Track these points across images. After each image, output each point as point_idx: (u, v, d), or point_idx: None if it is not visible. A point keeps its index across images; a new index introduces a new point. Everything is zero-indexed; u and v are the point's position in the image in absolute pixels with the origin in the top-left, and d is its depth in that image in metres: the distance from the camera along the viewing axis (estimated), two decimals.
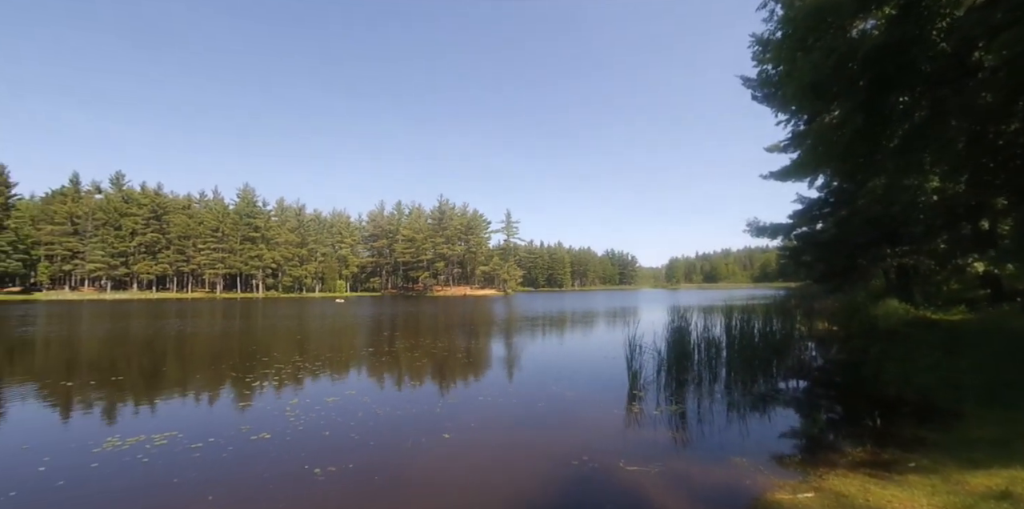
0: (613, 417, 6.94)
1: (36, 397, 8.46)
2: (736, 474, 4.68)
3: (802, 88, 11.31)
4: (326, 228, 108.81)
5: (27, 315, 31.25)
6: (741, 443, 5.69)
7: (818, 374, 9.80)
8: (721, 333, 9.48)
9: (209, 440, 5.89)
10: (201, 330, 21.46)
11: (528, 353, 14.27)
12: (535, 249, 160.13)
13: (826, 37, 10.49)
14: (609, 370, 10.07)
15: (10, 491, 4.45)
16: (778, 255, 49.99)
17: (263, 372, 10.44)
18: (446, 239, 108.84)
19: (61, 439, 6.14)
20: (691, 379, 8.68)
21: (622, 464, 4.95)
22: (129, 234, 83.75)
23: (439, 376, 10.35)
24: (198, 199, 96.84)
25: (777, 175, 18.60)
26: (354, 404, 7.65)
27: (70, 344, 16.56)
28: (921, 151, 11.45)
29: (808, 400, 7.93)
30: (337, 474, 4.80)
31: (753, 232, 20.93)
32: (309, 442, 5.81)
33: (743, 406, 7.34)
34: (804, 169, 16.78)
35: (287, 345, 15.84)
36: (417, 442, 5.80)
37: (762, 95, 17.00)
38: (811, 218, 20.79)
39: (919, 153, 11.63)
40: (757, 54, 15.75)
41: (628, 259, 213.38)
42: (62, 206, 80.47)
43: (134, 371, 11.36)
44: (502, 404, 7.70)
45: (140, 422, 6.89)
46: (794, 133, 17.94)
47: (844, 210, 18.67)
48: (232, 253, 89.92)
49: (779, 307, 12.35)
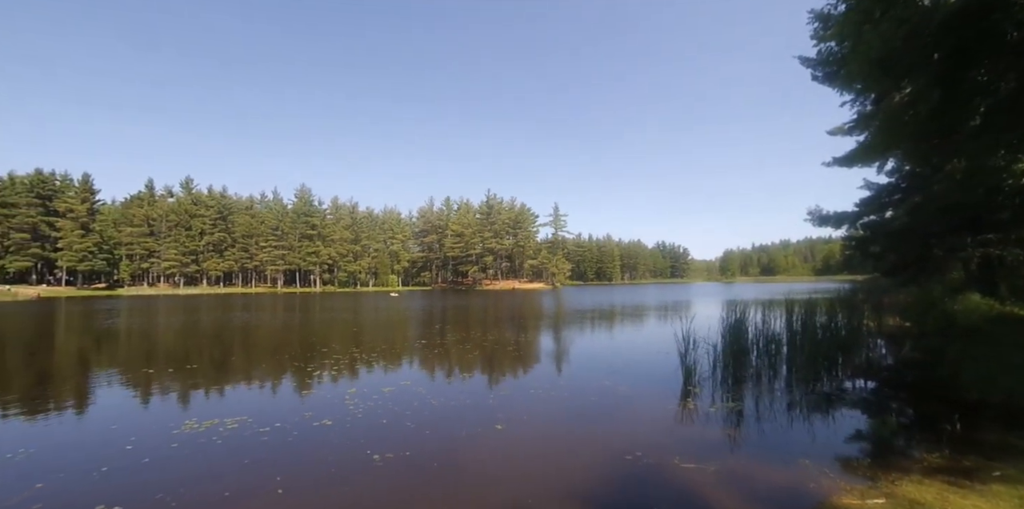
0: (667, 413, 6.80)
1: (121, 383, 9.25)
2: (799, 476, 4.48)
3: (869, 64, 10.55)
4: (378, 225, 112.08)
5: (111, 309, 34.12)
6: (804, 444, 5.44)
7: (888, 374, 9.20)
8: (781, 328, 9.06)
9: (276, 425, 6.25)
10: (264, 323, 22.71)
11: (578, 346, 14.21)
12: (583, 242, 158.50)
13: (895, 7, 9.71)
14: (661, 365, 9.88)
15: (102, 467, 4.91)
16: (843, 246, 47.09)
17: (322, 362, 10.93)
18: (494, 233, 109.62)
19: (145, 421, 6.69)
20: (749, 376, 8.37)
21: (677, 461, 4.85)
22: (198, 234, 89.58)
23: (490, 368, 10.48)
24: (259, 200, 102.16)
25: (842, 160, 17.48)
26: (409, 394, 7.89)
27: (149, 335, 17.96)
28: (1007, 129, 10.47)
29: (877, 401, 7.46)
30: (395, 461, 4.97)
31: (815, 221, 19.79)
32: (368, 429, 6.05)
33: (805, 405, 7.00)
34: (872, 152, 15.71)
35: (344, 337, 16.49)
36: (471, 432, 5.92)
37: (823, 74, 15.99)
38: (880, 205, 19.44)
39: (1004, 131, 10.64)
40: (817, 31, 14.83)
41: (680, 252, 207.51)
42: (139, 210, 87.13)
43: (206, 360, 12.18)
44: (554, 397, 7.72)
45: (213, 407, 7.39)
46: (860, 114, 16.78)
47: (917, 196, 17.30)
48: (291, 250, 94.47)
49: (844, 301, 11.64)
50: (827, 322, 9.23)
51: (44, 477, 4.66)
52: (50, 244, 76.53)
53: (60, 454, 5.36)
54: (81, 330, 20.07)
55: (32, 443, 5.71)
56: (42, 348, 14.83)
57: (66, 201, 77.82)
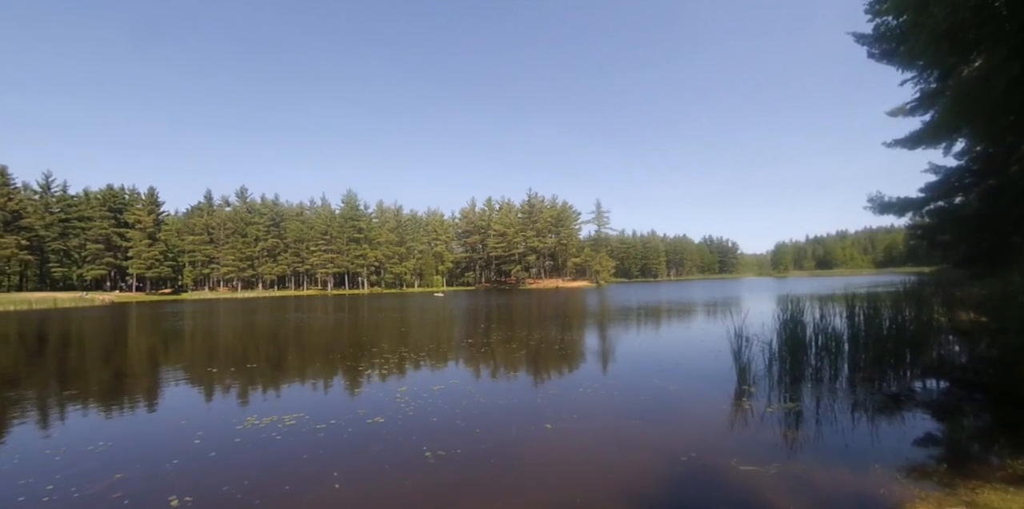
0: (721, 413, 6.59)
1: (188, 381, 9.83)
2: (866, 481, 4.24)
3: (935, 38, 9.84)
4: (422, 226, 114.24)
5: (177, 312, 36.34)
6: (869, 447, 5.14)
7: (961, 373, 8.54)
8: (841, 325, 8.56)
9: (331, 422, 6.48)
10: (316, 323, 23.59)
11: (624, 345, 13.99)
12: (627, 239, 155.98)
13: None
14: (713, 363, 9.59)
15: (174, 459, 5.25)
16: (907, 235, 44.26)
17: (373, 361, 11.25)
18: (536, 232, 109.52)
19: (210, 417, 7.09)
20: (807, 375, 7.99)
21: (734, 463, 4.69)
22: (253, 240, 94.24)
23: (536, 367, 10.48)
24: (309, 206, 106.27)
25: (905, 141, 16.39)
26: (458, 393, 8.00)
27: (211, 336, 19.02)
28: None
29: (950, 403, 6.95)
30: (447, 458, 5.05)
31: (876, 209, 18.60)
32: (419, 427, 6.17)
33: (870, 406, 6.62)
34: (940, 132, 14.66)
35: (393, 337, 16.90)
36: (521, 431, 5.93)
37: (880, 51, 15.03)
38: (949, 190, 18.05)
39: None
40: (873, 5, 13.97)
41: (728, 246, 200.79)
42: (199, 219, 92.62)
43: (263, 359, 12.77)
44: (602, 396, 7.63)
45: (272, 404, 7.74)
46: (924, 92, 15.67)
47: (992, 179, 15.97)
48: (340, 253, 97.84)
49: (911, 295, 10.84)
50: (892, 318, 8.65)
51: (123, 468, 5.02)
52: (121, 253, 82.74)
53: (136, 447, 5.76)
54: (150, 332, 21.49)
55: (111, 436, 6.17)
56: (117, 348, 15.98)
57: (135, 213, 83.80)
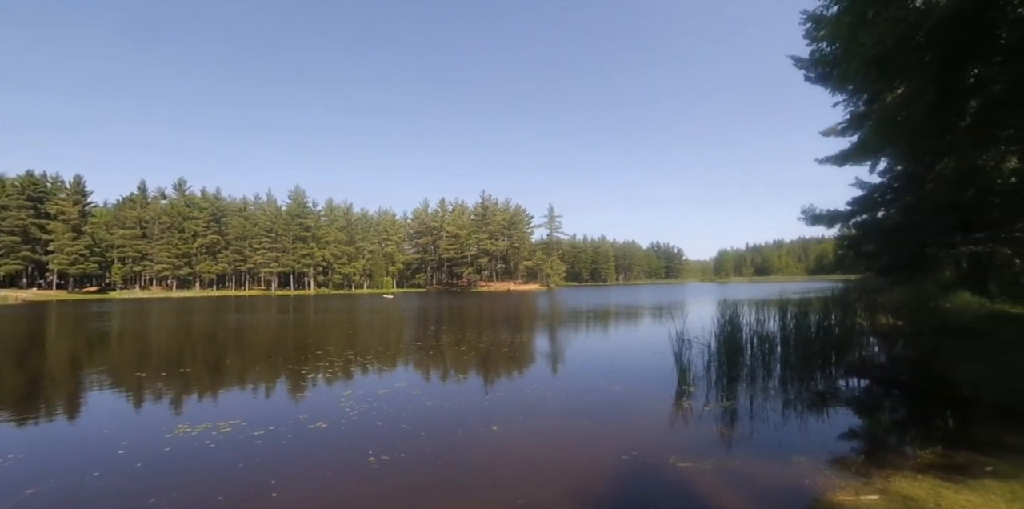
0: (662, 412, 6.82)
1: (113, 387, 9.15)
2: (794, 473, 4.50)
3: (863, 65, 10.64)
4: (372, 226, 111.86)
5: (103, 312, 33.82)
6: (798, 442, 5.46)
7: (881, 372, 9.22)
8: (775, 328, 9.08)
9: (270, 428, 6.20)
10: (258, 325, 22.59)
11: (573, 347, 14.22)
12: (578, 243, 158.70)
13: (888, 9, 9.80)
14: (657, 365, 9.89)
15: (94, 472, 4.84)
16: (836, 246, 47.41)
17: (317, 364, 10.87)
18: (489, 235, 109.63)
19: (137, 425, 6.63)
20: (743, 375, 8.38)
21: (673, 460, 4.85)
22: (191, 236, 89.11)
23: (485, 369, 10.46)
24: (253, 202, 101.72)
25: (835, 159, 17.62)
26: (405, 396, 7.85)
27: (141, 338, 17.83)
28: (999, 128, 10.58)
29: (870, 399, 7.52)
30: (391, 462, 4.94)
31: (808, 220, 19.91)
32: (363, 431, 6.02)
33: (799, 404, 7.03)
34: (865, 151, 15.86)
35: (339, 339, 16.42)
36: (467, 433, 5.90)
37: (816, 75, 16.11)
38: (873, 205, 19.55)
39: (996, 130, 10.75)
40: (810, 32, 14.94)
41: (674, 252, 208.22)
42: (132, 212, 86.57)
43: (199, 363, 12.09)
44: (549, 397, 7.71)
45: (206, 410, 7.33)
46: (853, 114, 16.91)
47: (910, 195, 17.43)
48: (285, 252, 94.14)
49: (838, 300, 11.68)
50: (820, 321, 9.26)
51: (35, 482, 4.59)
52: (41, 247, 75.96)
53: (51, 459, 5.30)
54: (72, 333, 19.88)
55: (21, 449, 5.63)
56: (32, 351, 14.69)
57: (58, 204, 77.32)
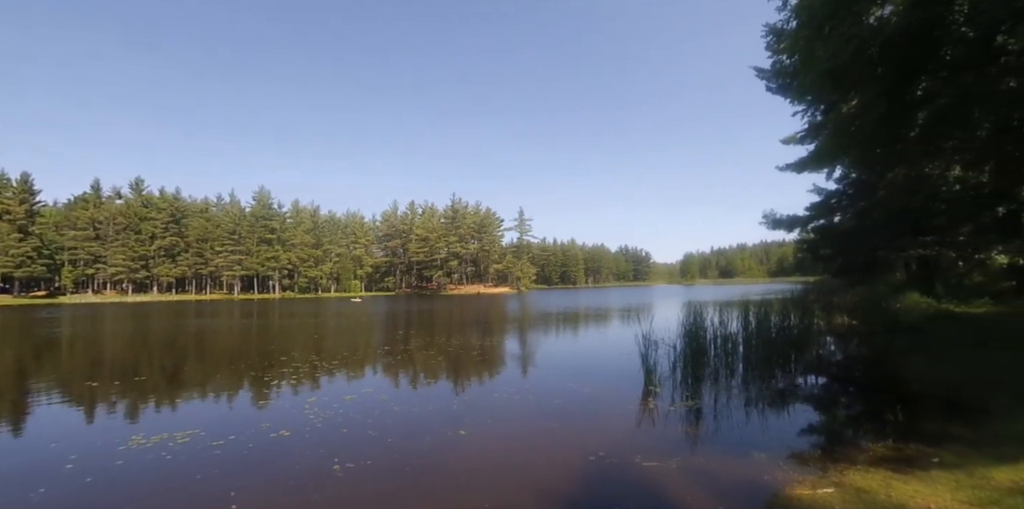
0: (629, 413, 6.91)
1: (62, 397, 8.69)
2: (755, 469, 4.63)
3: (820, 77, 11.11)
4: (340, 229, 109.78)
5: (52, 318, 32.10)
6: (760, 439, 5.62)
7: (837, 370, 9.62)
8: (737, 328, 9.36)
9: (230, 437, 5.99)
10: (220, 331, 21.84)
11: (543, 350, 14.28)
12: (548, 246, 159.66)
13: (843, 24, 10.26)
14: (624, 366, 9.99)
15: (39, 488, 4.56)
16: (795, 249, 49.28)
17: (281, 371, 10.58)
18: (459, 238, 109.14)
19: (87, 438, 6.30)
20: (707, 375, 8.58)
21: (639, 459, 4.92)
22: (149, 238, 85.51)
23: (454, 373, 10.40)
24: (215, 202, 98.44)
25: (794, 166, 18.30)
26: (371, 402, 7.72)
27: (94, 345, 16.98)
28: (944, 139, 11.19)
29: (828, 396, 7.82)
30: (356, 470, 4.84)
31: (769, 225, 20.65)
32: (328, 439, 5.88)
33: (761, 402, 7.25)
34: (822, 159, 16.51)
35: (304, 344, 16.03)
36: (434, 439, 5.84)
37: (777, 86, 16.72)
38: (829, 210, 20.42)
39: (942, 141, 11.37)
40: (771, 44, 15.50)
41: (642, 255, 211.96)
42: (84, 212, 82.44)
43: (156, 371, 11.60)
44: (518, 400, 7.71)
45: (163, 420, 7.03)
46: (811, 123, 17.61)
47: (863, 201, 18.29)
48: (249, 255, 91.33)
49: (797, 302, 12.16)
50: (780, 322, 9.61)
51: None
52: None
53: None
54: (17, 340, 18.79)
55: None
56: None
57: (3, 202, 72.99)
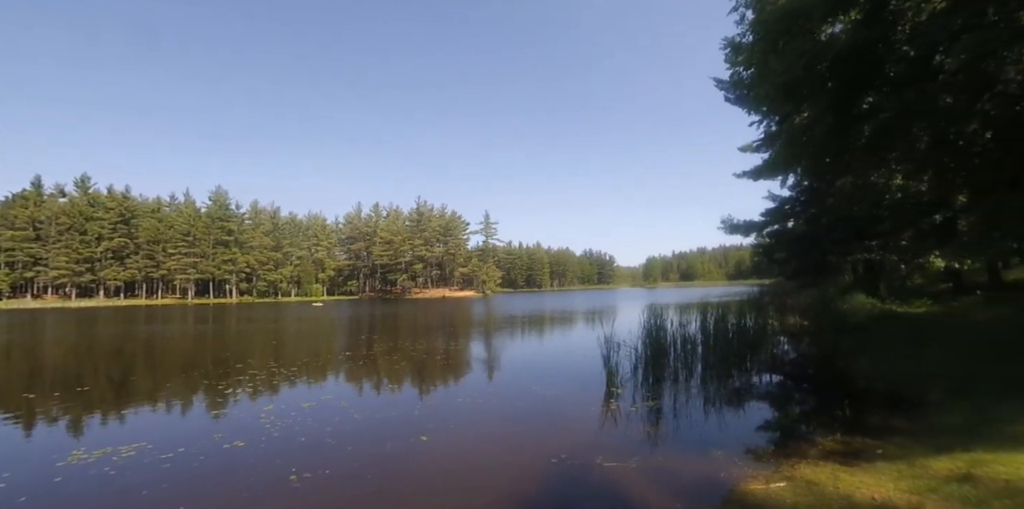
0: (591, 414, 6.97)
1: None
2: (712, 467, 4.75)
3: (774, 89, 11.57)
4: (302, 231, 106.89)
5: None
6: (717, 436, 5.78)
7: (791, 368, 10.03)
8: (696, 330, 9.63)
9: (180, 450, 5.72)
10: (172, 337, 20.88)
11: (507, 353, 14.27)
12: (514, 250, 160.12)
13: (796, 40, 10.75)
14: (588, 368, 10.08)
15: None
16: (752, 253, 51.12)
17: (237, 379, 10.19)
18: (424, 241, 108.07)
19: (23, 454, 5.89)
20: (667, 376, 8.78)
21: (600, 460, 4.97)
22: (95, 239, 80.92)
23: (418, 378, 10.27)
24: (168, 202, 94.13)
25: (750, 174, 19.00)
26: (331, 409, 7.53)
27: (32, 354, 15.94)
28: (887, 150, 11.85)
29: (782, 393, 8.12)
30: (313, 480, 4.71)
31: (727, 229, 21.37)
32: (285, 449, 5.69)
33: (719, 400, 7.46)
34: (776, 168, 17.19)
35: (262, 351, 15.51)
36: (395, 445, 5.74)
37: (735, 97, 17.37)
38: (783, 216, 21.30)
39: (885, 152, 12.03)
40: (729, 57, 16.08)
41: (606, 259, 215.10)
42: (23, 210, 77.30)
43: (101, 381, 10.99)
44: (481, 405, 7.68)
45: (107, 434, 6.66)
46: (766, 133, 18.35)
47: (814, 208, 19.17)
48: (204, 257, 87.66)
49: (752, 304, 12.64)
50: (737, 323, 9.96)
51: None
52: None
53: None
54: None
55: None
56: None
57: None
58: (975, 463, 3.83)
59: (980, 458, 3.95)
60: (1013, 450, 4.04)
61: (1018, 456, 3.87)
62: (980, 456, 3.99)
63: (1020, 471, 3.57)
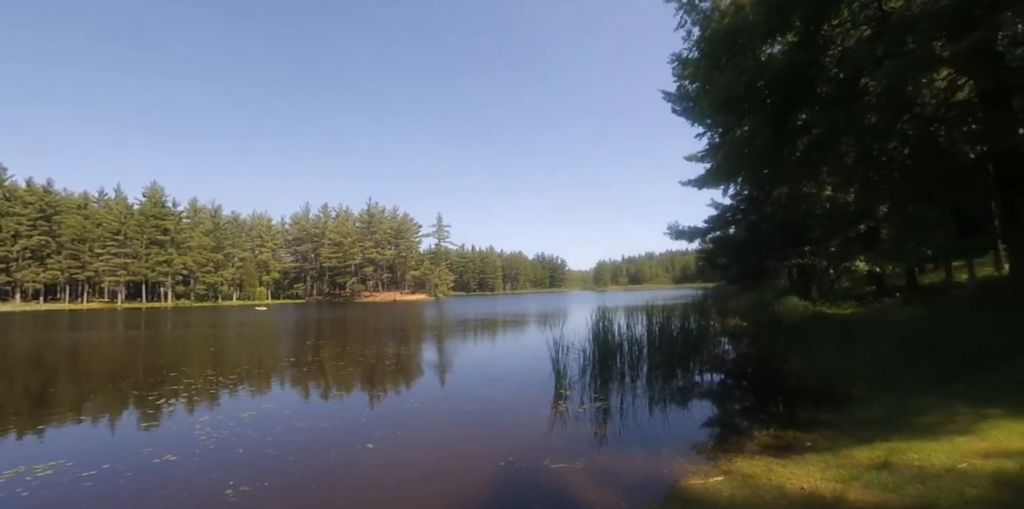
0: (540, 417, 7.02)
1: None
2: (656, 464, 4.90)
3: (717, 104, 12.15)
4: (245, 231, 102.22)
5: None
6: (661, 434, 5.97)
7: (732, 367, 10.51)
8: (643, 332, 9.92)
9: (104, 467, 5.31)
10: (99, 344, 19.41)
11: (459, 357, 14.18)
12: (467, 253, 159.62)
13: (738, 58, 11.35)
14: (538, 371, 10.09)
15: None
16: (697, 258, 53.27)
17: (170, 389, 9.59)
18: (375, 243, 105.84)
19: None
20: (615, 376, 8.98)
21: (547, 462, 5.02)
22: (11, 237, 74.14)
23: (366, 385, 10.02)
24: (96, 198, 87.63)
25: (695, 182, 19.81)
26: (272, 418, 7.22)
27: None
28: (819, 163, 12.69)
29: (723, 391, 8.49)
30: (252, 494, 4.49)
31: (673, 235, 22.19)
32: (221, 461, 5.40)
33: (664, 399, 7.70)
34: (718, 177, 18.04)
35: (199, 358, 14.70)
36: (341, 454, 5.57)
37: (681, 109, 18.10)
38: (725, 223, 22.33)
39: (817, 165, 12.89)
40: (676, 70, 16.76)
41: (558, 263, 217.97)
42: None
43: (16, 394, 10.08)
44: (430, 410, 7.58)
45: (21, 452, 6.08)
46: (710, 144, 19.24)
47: (754, 216, 20.22)
48: (136, 258, 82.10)
49: (696, 306, 13.13)
50: (682, 325, 10.34)
51: None
52: None
53: None
54: None
55: None
56: None
57: None
58: (892, 452, 4.13)
59: (896, 447, 4.25)
60: (925, 438, 4.38)
61: (929, 444, 4.21)
62: (896, 445, 4.30)
63: (931, 458, 3.88)
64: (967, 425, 4.65)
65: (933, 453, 3.98)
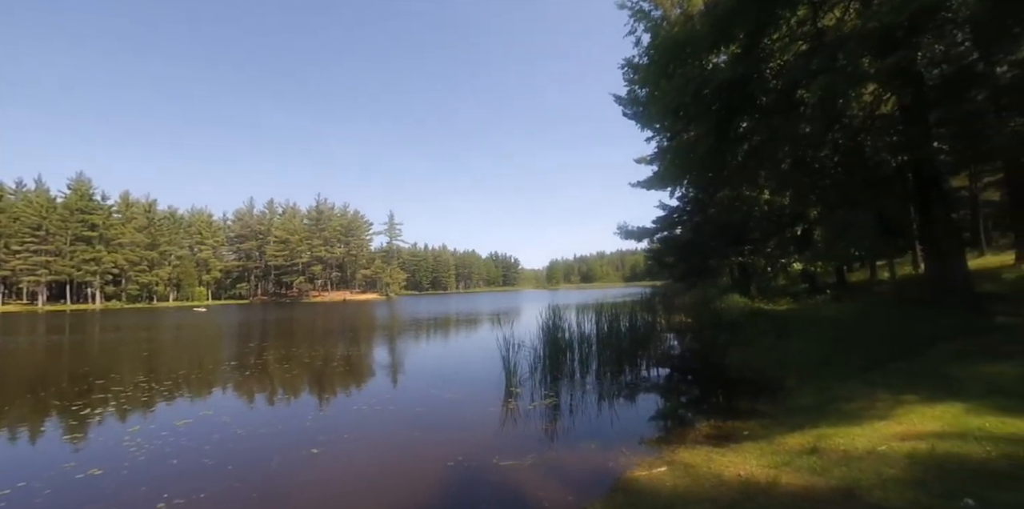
0: (490, 415, 7.04)
1: None
2: (603, 458, 5.03)
3: (665, 110, 12.54)
4: (183, 228, 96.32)
5: None
6: (609, 429, 6.13)
7: (677, 362, 10.94)
8: (592, 329, 10.14)
9: (19, 485, 4.88)
10: (16, 351, 17.82)
11: (409, 358, 14.00)
12: (419, 251, 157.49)
13: (685, 66, 11.75)
14: (489, 370, 10.10)
15: None
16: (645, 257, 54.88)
17: (96, 398, 8.93)
18: (324, 241, 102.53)
19: None
20: (565, 373, 9.14)
21: (497, 460, 5.05)
22: None
23: (313, 388, 9.71)
24: (13, 189, 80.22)
25: (644, 184, 20.42)
26: (210, 426, 6.87)
27: None
28: (757, 169, 13.36)
29: (669, 385, 8.80)
30: (187, 506, 4.26)
31: (623, 235, 22.78)
32: (153, 474, 5.09)
33: (612, 395, 7.91)
34: (666, 179, 18.66)
35: (130, 364, 13.77)
36: (283, 461, 5.37)
37: (631, 112, 18.59)
38: (671, 223, 23.12)
39: (756, 170, 13.57)
40: (627, 75, 17.18)
41: (511, 261, 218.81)
42: None
43: None
44: (378, 412, 7.44)
45: None
46: (659, 148, 19.87)
47: (698, 217, 21.06)
48: (60, 256, 75.76)
49: (644, 304, 13.55)
50: (629, 322, 10.63)
51: None
52: None
53: None
54: None
55: None
56: None
57: None
58: (820, 437, 4.41)
59: (824, 432, 4.54)
60: (850, 424, 4.69)
61: (853, 429, 4.52)
62: (824, 431, 4.59)
63: (854, 442, 4.17)
64: (886, 410, 5.02)
65: (856, 437, 4.27)
